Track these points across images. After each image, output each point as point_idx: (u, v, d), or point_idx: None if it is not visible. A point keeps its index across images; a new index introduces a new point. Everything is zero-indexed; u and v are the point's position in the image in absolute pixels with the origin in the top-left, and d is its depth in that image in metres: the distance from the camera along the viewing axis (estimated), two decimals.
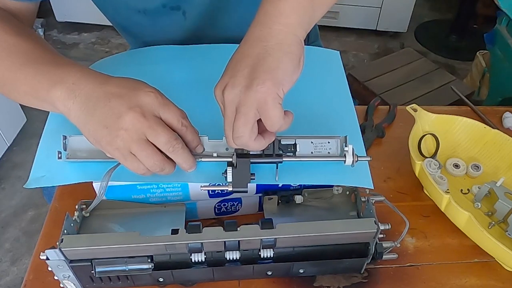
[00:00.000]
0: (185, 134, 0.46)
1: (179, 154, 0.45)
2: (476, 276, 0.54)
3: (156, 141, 0.43)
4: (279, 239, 0.46)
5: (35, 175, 0.50)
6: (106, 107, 0.43)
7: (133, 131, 0.42)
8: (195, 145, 0.48)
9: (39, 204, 1.56)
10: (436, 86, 1.59)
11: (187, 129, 0.46)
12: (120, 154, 0.44)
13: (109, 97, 0.43)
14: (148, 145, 0.43)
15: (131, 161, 0.44)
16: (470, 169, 0.65)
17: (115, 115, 0.42)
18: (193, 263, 0.48)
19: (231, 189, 0.47)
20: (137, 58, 0.67)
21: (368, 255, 0.50)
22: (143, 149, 0.43)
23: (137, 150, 0.43)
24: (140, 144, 0.43)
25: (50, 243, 0.48)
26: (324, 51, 0.70)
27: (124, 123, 0.42)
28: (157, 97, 0.44)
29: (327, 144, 0.50)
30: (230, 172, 0.47)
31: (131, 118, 0.42)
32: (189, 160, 0.46)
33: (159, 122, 0.43)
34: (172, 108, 0.45)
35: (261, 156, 0.48)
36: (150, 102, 0.43)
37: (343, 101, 0.61)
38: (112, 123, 0.42)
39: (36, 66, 0.48)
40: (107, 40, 2.36)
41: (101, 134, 0.43)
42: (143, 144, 0.43)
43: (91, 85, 0.45)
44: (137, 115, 0.42)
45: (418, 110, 0.67)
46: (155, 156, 0.44)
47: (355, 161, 0.49)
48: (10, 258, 1.42)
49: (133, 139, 0.42)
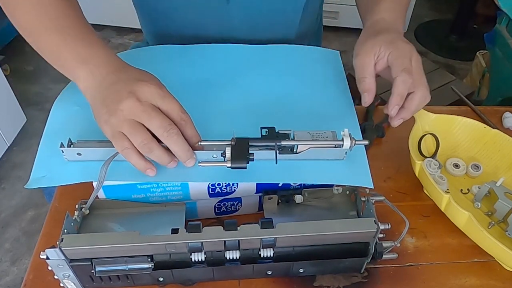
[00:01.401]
0: (184, 128, 0.47)
1: (174, 141, 0.45)
2: (476, 276, 0.54)
3: (150, 125, 0.45)
4: (279, 238, 0.46)
5: (36, 175, 0.50)
6: (112, 90, 0.46)
7: (127, 112, 0.45)
8: (195, 142, 0.48)
9: (39, 204, 1.56)
10: (436, 86, 1.59)
11: (186, 123, 0.47)
12: (110, 132, 0.46)
13: (118, 82, 0.47)
14: (139, 125, 0.45)
15: (120, 139, 0.45)
16: (470, 169, 0.65)
17: (116, 98, 0.45)
18: (193, 263, 0.48)
19: (230, 165, 0.47)
20: (137, 58, 0.67)
21: (368, 255, 0.50)
22: (133, 127, 0.45)
23: (127, 129, 0.45)
24: (132, 123, 0.45)
25: (50, 242, 0.48)
26: (324, 51, 0.71)
27: (122, 105, 0.45)
28: (157, 89, 0.46)
29: (324, 134, 0.51)
30: (229, 150, 0.47)
31: (129, 102, 0.45)
32: (185, 148, 0.46)
33: (154, 108, 0.45)
34: (172, 101, 0.47)
35: (260, 139, 0.49)
36: (151, 92, 0.46)
37: (343, 101, 0.61)
38: (112, 104, 0.45)
39: (64, 37, 0.51)
40: (107, 40, 2.36)
41: (101, 112, 0.46)
42: (134, 124, 0.45)
43: (109, 69, 0.49)
44: (134, 100, 0.45)
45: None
46: (143, 134, 0.45)
47: (352, 145, 0.49)
48: (10, 258, 1.42)
49: (126, 119, 0.45)
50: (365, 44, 0.56)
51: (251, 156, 0.48)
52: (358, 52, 0.56)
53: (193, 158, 0.48)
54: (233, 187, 0.53)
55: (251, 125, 0.54)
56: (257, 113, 0.56)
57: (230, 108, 0.59)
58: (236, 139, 0.49)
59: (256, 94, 0.61)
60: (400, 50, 0.54)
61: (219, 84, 0.62)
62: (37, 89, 2.05)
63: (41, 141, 0.53)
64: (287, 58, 0.68)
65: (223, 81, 0.62)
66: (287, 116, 0.58)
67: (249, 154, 0.47)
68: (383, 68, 0.56)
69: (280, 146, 0.49)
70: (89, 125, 0.54)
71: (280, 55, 0.68)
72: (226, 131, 0.49)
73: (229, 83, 0.61)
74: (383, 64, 0.55)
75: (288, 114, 0.58)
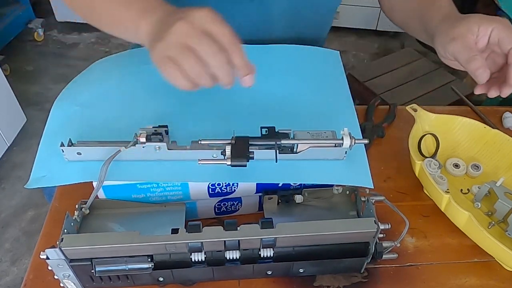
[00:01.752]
0: (231, 56, 0.45)
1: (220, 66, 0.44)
2: (476, 276, 0.54)
3: (199, 48, 0.43)
4: (279, 238, 0.46)
5: (36, 175, 0.50)
6: (165, 23, 0.45)
7: (178, 35, 0.44)
8: (242, 74, 0.45)
9: (39, 204, 1.56)
10: (436, 86, 1.59)
11: (235, 49, 0.45)
12: (159, 61, 0.45)
13: (172, 16, 0.46)
14: (189, 50, 0.43)
15: (170, 67, 0.44)
16: (470, 169, 0.65)
17: (169, 25, 0.44)
18: (193, 263, 0.48)
19: (230, 163, 0.47)
20: (137, 58, 0.67)
21: (368, 255, 0.50)
22: (182, 52, 0.43)
23: (176, 53, 0.44)
24: (182, 48, 0.43)
25: (50, 242, 0.48)
26: (324, 51, 0.70)
27: (173, 29, 0.44)
28: (208, 13, 0.45)
29: (323, 133, 0.51)
30: (229, 148, 0.47)
31: (179, 25, 0.44)
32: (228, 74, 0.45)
33: (205, 33, 0.44)
34: (222, 24, 0.45)
35: (260, 138, 0.49)
36: (202, 15, 0.44)
37: (343, 101, 0.61)
38: (164, 32, 0.45)
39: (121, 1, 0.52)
40: (107, 40, 2.36)
41: (154, 45, 0.46)
42: (184, 48, 0.43)
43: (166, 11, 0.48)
44: (185, 23, 0.44)
45: (418, 110, 0.67)
46: (193, 59, 0.43)
47: (352, 144, 0.49)
48: (10, 258, 1.42)
49: (176, 43, 0.43)
50: (456, 28, 0.57)
51: (251, 155, 0.48)
52: (454, 36, 0.56)
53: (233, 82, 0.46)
54: (233, 187, 0.53)
55: (251, 124, 0.54)
56: (257, 113, 0.56)
57: (230, 107, 0.59)
58: (236, 138, 0.49)
59: (256, 93, 0.61)
60: (503, 24, 0.56)
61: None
62: (37, 89, 2.05)
63: (41, 141, 0.53)
64: (287, 58, 0.68)
65: None
66: (287, 116, 0.58)
67: (249, 153, 0.48)
68: (483, 46, 0.57)
69: (280, 146, 0.49)
70: (89, 125, 0.54)
71: (280, 55, 0.68)
72: (226, 131, 0.49)
73: None
74: (484, 43, 0.57)
75: (288, 114, 0.58)
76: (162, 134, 0.49)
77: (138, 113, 0.57)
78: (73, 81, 0.62)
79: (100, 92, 0.59)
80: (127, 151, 0.48)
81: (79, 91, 0.60)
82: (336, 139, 0.50)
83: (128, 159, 0.50)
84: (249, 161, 0.47)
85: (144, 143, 0.48)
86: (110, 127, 0.54)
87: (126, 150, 0.48)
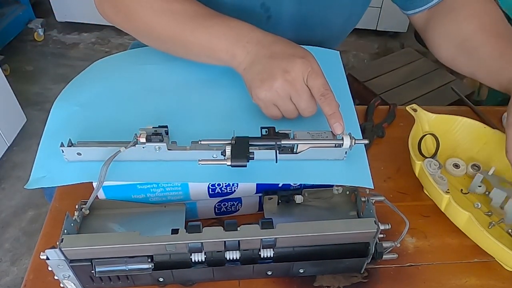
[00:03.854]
0: (323, 105, 0.51)
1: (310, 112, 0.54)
2: (476, 276, 0.54)
3: (298, 104, 0.53)
4: (279, 239, 0.46)
5: (36, 176, 0.50)
6: (267, 65, 0.52)
7: (281, 91, 0.52)
8: (332, 122, 0.50)
9: (39, 204, 1.56)
10: (436, 86, 1.59)
11: (325, 99, 0.51)
12: (264, 104, 0.54)
13: (272, 56, 0.52)
14: (290, 102, 0.53)
15: (272, 110, 0.54)
16: (470, 169, 0.65)
17: (272, 75, 0.51)
18: (193, 263, 0.48)
19: (230, 163, 0.47)
20: (137, 58, 0.67)
21: (368, 255, 0.50)
22: (285, 104, 0.53)
23: (281, 104, 0.53)
24: (284, 100, 0.52)
25: (50, 243, 0.48)
26: (324, 51, 0.70)
27: (276, 84, 0.51)
28: (307, 65, 0.51)
29: (323, 134, 0.51)
30: (229, 148, 0.48)
31: (282, 82, 0.51)
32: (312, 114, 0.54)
33: (305, 90, 0.52)
34: (318, 77, 0.51)
35: (260, 138, 0.50)
36: (301, 69, 0.51)
37: (343, 101, 0.61)
38: (267, 79, 0.52)
39: (208, 30, 0.56)
40: (107, 40, 2.36)
41: (255, 84, 0.53)
42: (286, 100, 0.52)
43: (260, 44, 0.54)
44: (287, 81, 0.51)
45: (418, 110, 0.67)
46: (291, 107, 0.53)
47: (352, 144, 0.49)
48: (10, 258, 1.42)
49: (280, 96, 0.52)
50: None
51: (251, 155, 0.48)
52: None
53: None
54: (233, 187, 0.53)
55: (251, 125, 0.54)
56: (257, 113, 0.56)
57: (230, 108, 0.59)
58: (236, 138, 0.49)
59: None
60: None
61: (219, 84, 0.62)
62: (37, 89, 2.05)
63: (41, 141, 0.53)
64: None
65: (223, 81, 0.62)
66: None
67: (249, 153, 0.48)
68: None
69: (280, 146, 0.49)
70: (89, 126, 0.54)
71: None
72: (226, 131, 0.49)
73: (229, 83, 0.61)
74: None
75: None
76: (162, 135, 0.49)
77: (138, 113, 0.57)
78: (73, 81, 0.62)
79: (100, 92, 0.59)
80: (127, 152, 0.48)
81: (79, 91, 0.60)
82: (336, 140, 0.50)
83: (128, 160, 0.50)
84: (249, 161, 0.47)
85: (144, 143, 0.48)
86: (110, 127, 0.54)
87: (126, 151, 0.48)
